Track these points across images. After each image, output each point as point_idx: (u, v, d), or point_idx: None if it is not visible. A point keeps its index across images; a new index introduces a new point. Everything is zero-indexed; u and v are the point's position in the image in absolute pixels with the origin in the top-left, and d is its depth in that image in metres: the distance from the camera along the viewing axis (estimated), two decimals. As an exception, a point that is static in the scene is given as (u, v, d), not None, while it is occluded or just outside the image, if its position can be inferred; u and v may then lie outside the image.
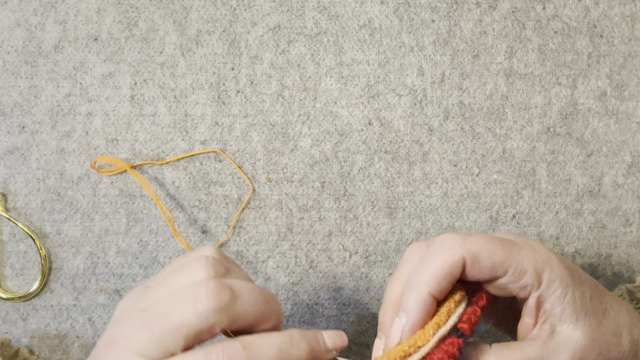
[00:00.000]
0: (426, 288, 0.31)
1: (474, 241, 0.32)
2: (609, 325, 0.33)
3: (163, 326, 0.28)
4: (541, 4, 0.47)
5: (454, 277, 0.31)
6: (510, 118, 0.47)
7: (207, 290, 0.29)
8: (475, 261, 0.31)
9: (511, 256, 0.32)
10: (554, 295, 0.32)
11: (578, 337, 0.32)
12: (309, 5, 0.46)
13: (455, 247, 0.31)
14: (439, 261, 0.31)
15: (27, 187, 0.45)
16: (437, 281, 0.31)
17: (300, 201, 0.46)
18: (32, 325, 0.44)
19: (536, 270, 0.32)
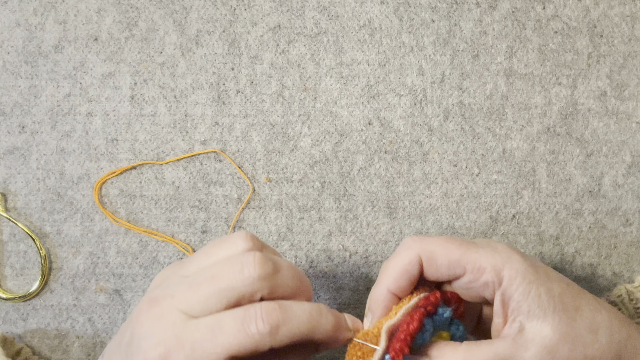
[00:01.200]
0: (384, 286, 0.34)
1: (430, 241, 0.34)
2: (583, 321, 0.33)
3: (209, 287, 0.31)
4: (541, 4, 0.47)
5: (411, 275, 0.34)
6: (510, 118, 0.47)
7: (254, 259, 0.31)
8: (431, 259, 0.33)
9: (467, 254, 0.33)
10: (518, 291, 0.33)
11: (547, 333, 0.32)
12: (309, 5, 0.46)
13: (412, 246, 0.34)
14: (397, 260, 0.34)
15: (27, 187, 0.45)
16: (394, 279, 0.34)
17: (300, 201, 0.46)
18: (32, 325, 0.44)
19: (495, 267, 0.33)
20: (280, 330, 0.30)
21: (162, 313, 0.31)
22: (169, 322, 0.31)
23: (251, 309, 0.30)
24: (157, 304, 0.32)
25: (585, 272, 0.47)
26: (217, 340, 0.30)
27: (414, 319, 0.32)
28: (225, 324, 0.30)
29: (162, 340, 0.30)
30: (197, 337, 0.30)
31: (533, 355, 0.32)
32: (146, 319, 0.31)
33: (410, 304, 0.33)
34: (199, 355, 0.30)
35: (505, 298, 0.33)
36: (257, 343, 0.30)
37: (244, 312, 0.30)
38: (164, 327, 0.31)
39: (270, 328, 0.30)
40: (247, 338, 0.30)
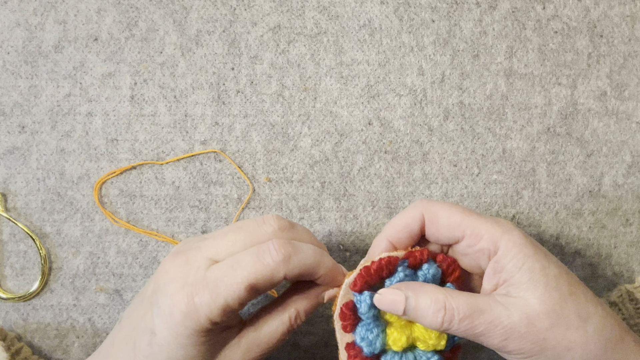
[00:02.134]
0: (385, 235, 0.36)
1: (436, 204, 0.35)
2: (575, 306, 0.33)
3: (235, 235, 0.35)
4: (541, 4, 0.47)
5: (411, 230, 0.36)
6: (510, 118, 0.47)
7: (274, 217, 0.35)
8: (433, 219, 0.35)
9: (468, 220, 0.34)
10: (511, 262, 0.33)
11: (532, 302, 0.32)
12: (309, 5, 0.46)
13: (418, 205, 0.36)
14: (401, 215, 0.36)
15: (27, 187, 0.45)
16: (394, 230, 0.36)
17: (300, 201, 0.46)
18: (32, 326, 0.44)
19: (493, 236, 0.34)
20: (292, 259, 0.33)
21: (188, 260, 0.34)
22: (194, 267, 0.34)
23: (264, 245, 0.34)
24: (183, 254, 0.34)
25: (585, 272, 0.47)
26: (236, 273, 0.33)
27: (379, 261, 0.35)
28: (243, 258, 0.33)
29: (188, 282, 0.33)
30: (219, 274, 0.33)
31: (510, 315, 0.32)
32: (172, 266, 0.34)
33: (392, 254, 0.35)
34: (222, 289, 0.32)
35: (498, 267, 0.33)
36: (272, 271, 0.33)
37: (259, 247, 0.34)
38: (189, 271, 0.33)
39: (283, 256, 0.33)
40: (263, 267, 0.33)
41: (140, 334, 0.34)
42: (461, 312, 0.32)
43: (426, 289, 0.34)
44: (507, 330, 0.32)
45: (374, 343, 0.35)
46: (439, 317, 0.33)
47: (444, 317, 0.33)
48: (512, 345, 0.32)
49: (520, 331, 0.32)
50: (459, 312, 0.32)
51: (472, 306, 0.33)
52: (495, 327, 0.32)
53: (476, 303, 0.33)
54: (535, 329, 0.32)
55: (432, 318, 0.33)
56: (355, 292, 0.35)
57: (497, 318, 0.32)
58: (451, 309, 0.33)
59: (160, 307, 0.33)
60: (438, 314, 0.33)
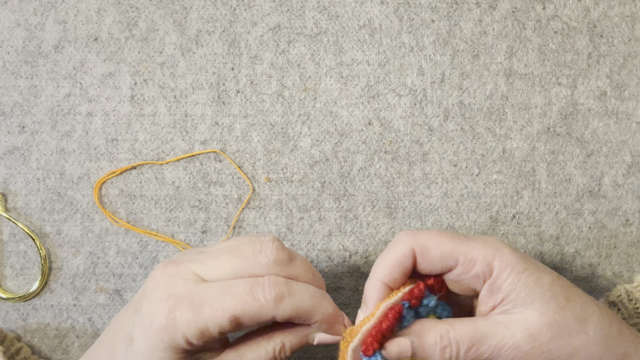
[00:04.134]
0: (379, 278, 0.35)
1: (423, 234, 0.34)
2: (573, 311, 0.33)
3: (228, 259, 0.33)
4: (541, 4, 0.47)
5: (404, 267, 0.34)
6: (510, 118, 0.47)
7: (273, 244, 0.34)
8: (424, 252, 0.34)
9: (459, 246, 0.34)
10: (507, 282, 0.33)
11: (532, 318, 0.33)
12: (309, 5, 0.46)
13: (406, 240, 0.34)
14: (391, 253, 0.34)
15: (27, 187, 0.45)
16: (388, 271, 0.34)
17: (300, 201, 0.46)
18: (32, 326, 0.44)
19: (486, 259, 0.33)
20: (285, 300, 0.32)
21: (178, 271, 0.33)
22: (182, 280, 0.33)
23: (260, 279, 0.32)
24: (175, 264, 0.34)
25: (585, 272, 0.47)
26: (225, 299, 0.31)
27: (387, 317, 0.33)
28: (235, 287, 0.32)
29: (173, 294, 0.32)
30: (207, 295, 0.32)
31: (513, 334, 0.32)
32: (161, 274, 0.33)
33: (392, 300, 0.34)
34: (206, 311, 0.31)
35: (494, 288, 0.33)
36: (261, 309, 0.32)
37: (254, 280, 0.32)
38: (177, 283, 0.32)
39: (276, 296, 0.32)
40: (253, 302, 0.31)
41: (120, 339, 0.34)
42: (466, 342, 0.33)
43: (428, 326, 0.34)
44: (512, 350, 0.32)
45: None
46: (446, 353, 0.33)
47: (450, 352, 0.33)
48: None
49: (524, 349, 0.32)
50: (464, 344, 0.33)
51: (475, 334, 0.33)
52: (500, 349, 0.32)
53: (478, 330, 0.33)
54: (539, 344, 0.32)
55: (440, 355, 0.33)
56: (369, 355, 0.33)
57: (500, 341, 0.32)
58: (456, 342, 0.33)
59: (142, 315, 0.32)
60: (445, 351, 0.33)
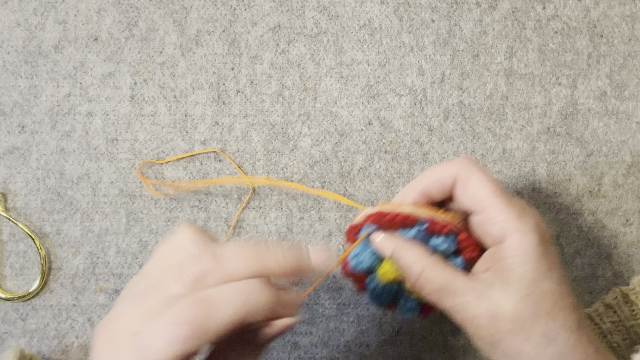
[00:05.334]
0: (417, 183, 0.36)
1: (475, 169, 0.35)
2: (545, 325, 0.33)
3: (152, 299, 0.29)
4: (541, 4, 0.47)
5: (443, 185, 0.35)
6: (510, 118, 0.47)
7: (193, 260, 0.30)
8: (464, 183, 0.35)
9: (493, 200, 0.34)
10: (509, 260, 0.33)
11: (504, 305, 0.32)
12: (309, 5, 0.46)
13: (458, 164, 0.35)
14: (440, 167, 0.36)
15: (27, 187, 0.45)
16: (428, 181, 0.36)
17: (300, 201, 0.46)
18: (32, 326, 0.44)
19: (504, 229, 0.33)
20: (204, 328, 0.28)
21: (112, 335, 0.30)
22: (117, 345, 0.30)
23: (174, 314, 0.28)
24: (107, 327, 0.31)
25: (585, 272, 0.47)
26: (150, 355, 0.28)
27: (397, 215, 0.35)
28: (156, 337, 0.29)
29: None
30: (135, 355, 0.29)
31: (478, 306, 0.33)
32: (98, 343, 0.31)
33: (416, 210, 0.36)
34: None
35: (495, 256, 0.34)
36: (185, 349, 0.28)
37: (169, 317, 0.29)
38: (113, 348, 0.30)
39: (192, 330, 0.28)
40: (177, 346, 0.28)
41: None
42: (432, 286, 0.34)
43: (415, 251, 0.35)
44: (469, 317, 0.33)
45: (362, 264, 0.37)
46: (412, 279, 0.34)
47: (416, 281, 0.34)
48: (470, 330, 0.33)
49: (479, 323, 0.33)
50: (430, 285, 0.34)
51: (444, 285, 0.33)
52: (459, 310, 0.33)
53: (450, 284, 0.33)
54: (495, 328, 0.32)
55: (409, 277, 0.35)
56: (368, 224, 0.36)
57: (463, 304, 0.33)
58: (424, 280, 0.34)
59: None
60: (413, 276, 0.34)
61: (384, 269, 0.37)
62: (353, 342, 0.46)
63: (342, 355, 0.46)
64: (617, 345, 0.44)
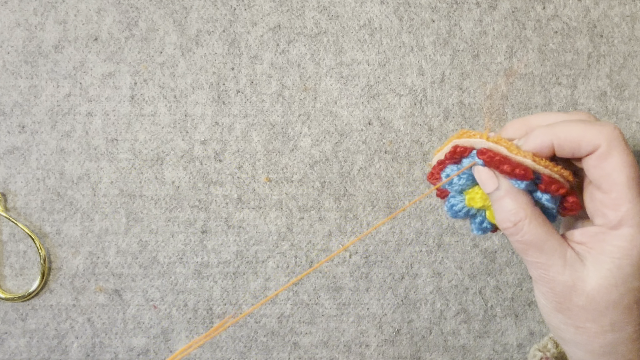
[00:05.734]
0: (552, 132, 0.33)
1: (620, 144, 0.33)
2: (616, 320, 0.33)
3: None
4: (541, 4, 0.47)
5: (578, 149, 0.33)
6: (510, 118, 0.47)
7: None
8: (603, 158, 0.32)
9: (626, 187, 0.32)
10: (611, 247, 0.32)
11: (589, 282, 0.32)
12: (309, 5, 0.46)
13: (603, 132, 0.32)
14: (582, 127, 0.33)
15: (27, 187, 0.45)
16: (564, 137, 0.33)
17: (300, 201, 0.46)
18: (32, 326, 0.44)
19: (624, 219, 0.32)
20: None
21: None
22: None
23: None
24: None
25: None
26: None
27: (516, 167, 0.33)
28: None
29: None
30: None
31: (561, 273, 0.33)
32: None
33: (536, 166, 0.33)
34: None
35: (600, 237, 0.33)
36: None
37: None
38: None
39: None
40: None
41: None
42: (524, 237, 0.33)
43: (519, 198, 0.34)
44: (547, 278, 0.33)
45: (452, 186, 0.36)
46: (505, 224, 0.34)
47: (509, 227, 0.34)
48: (542, 288, 0.33)
49: (556, 289, 0.33)
50: (522, 235, 0.33)
51: (538, 241, 0.33)
52: (539, 268, 0.33)
53: (545, 242, 0.33)
54: (569, 298, 0.33)
55: (502, 221, 0.34)
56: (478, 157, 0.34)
57: (548, 264, 0.33)
58: (519, 229, 0.33)
59: None
60: (507, 223, 0.34)
61: (472, 194, 0.36)
62: (353, 342, 0.46)
63: (342, 355, 0.46)
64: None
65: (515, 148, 0.34)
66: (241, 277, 0.45)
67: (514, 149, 0.34)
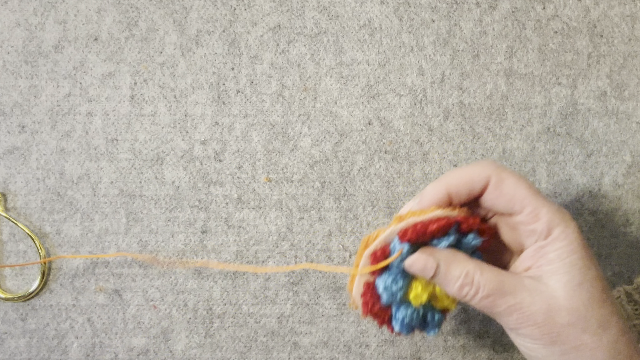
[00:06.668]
0: (445, 183, 0.34)
1: (505, 170, 0.34)
2: (599, 312, 0.32)
3: None
4: (541, 4, 0.47)
5: (472, 187, 0.34)
6: (510, 118, 0.47)
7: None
8: (498, 185, 0.34)
9: (533, 198, 0.33)
10: (557, 252, 0.33)
11: (559, 296, 0.32)
12: (309, 5, 0.46)
13: (487, 166, 0.34)
14: (467, 169, 0.35)
15: (27, 187, 0.45)
16: (457, 182, 0.34)
17: (300, 201, 0.46)
18: (31, 326, 0.44)
19: (550, 221, 0.33)
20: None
21: None
22: None
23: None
24: None
25: (586, 272, 0.47)
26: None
27: (438, 222, 0.33)
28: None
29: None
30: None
31: (533, 302, 0.32)
32: None
33: (448, 213, 0.34)
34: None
35: (542, 252, 0.33)
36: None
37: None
38: None
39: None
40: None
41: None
42: (486, 289, 0.33)
43: (459, 259, 0.34)
44: (525, 316, 0.32)
45: (395, 295, 0.34)
46: (464, 290, 0.33)
47: (468, 291, 0.33)
48: (525, 331, 0.33)
49: (537, 320, 0.32)
50: (483, 289, 0.33)
51: (497, 286, 0.33)
52: (514, 310, 0.32)
53: (503, 283, 0.33)
54: (552, 322, 0.32)
55: (458, 290, 0.33)
56: (401, 242, 0.34)
57: (519, 303, 0.32)
58: (477, 285, 0.33)
59: None
60: (464, 287, 0.33)
61: (414, 292, 0.35)
62: (353, 342, 0.46)
63: (342, 355, 0.46)
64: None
65: (420, 211, 0.34)
66: (241, 277, 0.45)
67: (420, 213, 0.34)
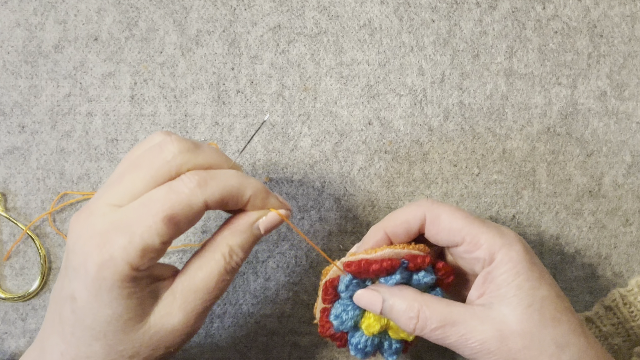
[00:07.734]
0: (382, 226, 0.36)
1: (439, 205, 0.35)
2: (555, 333, 0.32)
3: (133, 175, 0.31)
4: (541, 4, 0.47)
5: (409, 227, 0.36)
6: (510, 118, 0.47)
7: (172, 138, 0.32)
8: (435, 221, 0.35)
9: (470, 227, 0.34)
10: (502, 277, 0.33)
11: (510, 320, 0.32)
12: (309, 5, 0.46)
13: (422, 205, 0.36)
14: (403, 211, 0.36)
15: (27, 187, 0.45)
16: (393, 224, 0.36)
17: (300, 201, 0.46)
18: (31, 325, 0.44)
19: (491, 247, 0.34)
20: (209, 182, 0.31)
21: (91, 212, 0.31)
22: (99, 216, 0.30)
23: (178, 178, 0.31)
24: (86, 209, 0.31)
25: (585, 272, 0.47)
26: (149, 208, 0.30)
27: (382, 262, 0.35)
28: (154, 193, 0.31)
29: (95, 232, 0.30)
30: (129, 214, 0.30)
31: (484, 330, 0.32)
32: (76, 224, 0.31)
33: (395, 252, 0.35)
34: (136, 228, 0.30)
35: (489, 277, 0.34)
36: (189, 199, 0.30)
37: (171, 182, 0.31)
38: (94, 221, 0.30)
39: (198, 181, 0.31)
40: (178, 196, 0.30)
41: (62, 304, 0.31)
42: (434, 322, 0.33)
43: (405, 294, 0.35)
44: (478, 344, 0.32)
45: (345, 323, 0.37)
46: (411, 324, 0.34)
47: (416, 324, 0.34)
48: (482, 358, 0.33)
49: (490, 348, 0.32)
50: (431, 322, 0.33)
51: (445, 317, 0.33)
52: (466, 340, 0.33)
53: (451, 314, 0.33)
54: (507, 348, 0.32)
55: (406, 323, 0.34)
56: (348, 273, 0.36)
57: (469, 332, 0.32)
58: (424, 319, 0.33)
59: (75, 268, 0.30)
60: (411, 321, 0.34)
61: (367, 322, 0.36)
62: (353, 342, 0.46)
63: (342, 355, 0.46)
64: (617, 347, 0.44)
65: (371, 249, 0.36)
66: (241, 277, 0.45)
67: (368, 251, 0.36)
